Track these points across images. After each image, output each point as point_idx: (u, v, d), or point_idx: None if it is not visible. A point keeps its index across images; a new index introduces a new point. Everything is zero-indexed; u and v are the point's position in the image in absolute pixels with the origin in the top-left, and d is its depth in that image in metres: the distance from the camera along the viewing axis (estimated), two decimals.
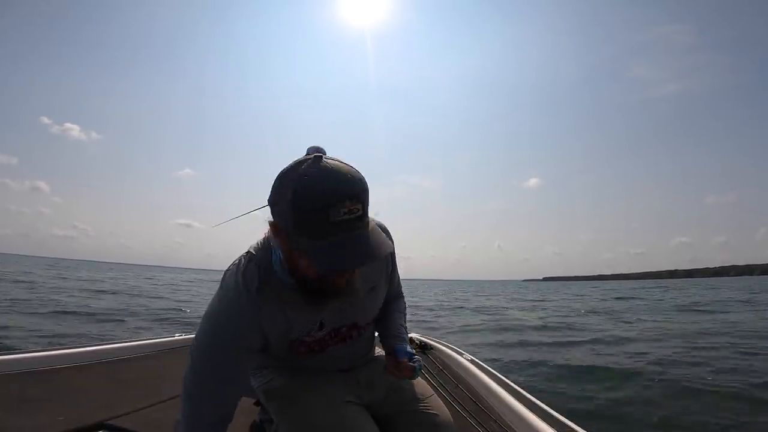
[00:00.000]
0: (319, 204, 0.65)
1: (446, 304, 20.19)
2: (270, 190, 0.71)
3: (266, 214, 0.75)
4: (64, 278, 22.56)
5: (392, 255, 1.00)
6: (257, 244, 0.86)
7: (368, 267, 0.86)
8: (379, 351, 1.16)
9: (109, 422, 1.26)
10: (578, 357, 6.14)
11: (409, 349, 1.00)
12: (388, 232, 0.92)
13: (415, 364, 0.96)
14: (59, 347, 1.94)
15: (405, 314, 1.14)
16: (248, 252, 0.85)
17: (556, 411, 1.51)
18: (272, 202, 0.71)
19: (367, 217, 0.71)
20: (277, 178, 0.71)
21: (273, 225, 0.73)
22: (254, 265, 0.82)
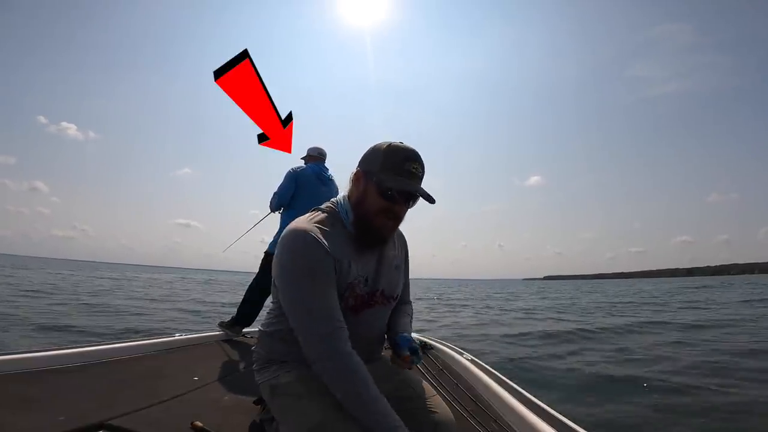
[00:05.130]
0: (403, 155, 0.99)
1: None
2: (362, 158, 1.05)
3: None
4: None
5: (407, 252, 1.24)
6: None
7: (396, 246, 1.17)
8: (382, 352, 1.20)
9: (109, 422, 1.26)
10: None
11: (409, 338, 1.12)
12: (404, 239, 1.24)
13: (413, 357, 1.09)
14: (60, 347, 1.94)
15: (411, 317, 1.26)
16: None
17: (556, 411, 1.52)
18: (365, 156, 1.04)
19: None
20: (371, 147, 1.04)
21: (358, 172, 1.04)
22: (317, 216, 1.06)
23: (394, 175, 0.98)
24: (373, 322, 1.09)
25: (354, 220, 1.03)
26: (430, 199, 1.01)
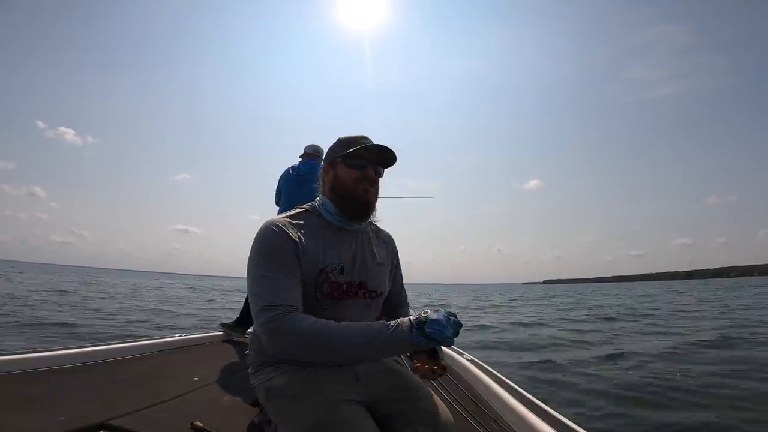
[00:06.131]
0: (356, 136, 1.13)
1: None
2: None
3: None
4: None
5: (396, 254, 1.28)
6: None
7: (381, 245, 1.21)
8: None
9: (109, 422, 1.26)
10: None
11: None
12: (393, 241, 1.27)
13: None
14: (60, 348, 1.95)
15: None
16: None
17: (556, 411, 1.52)
18: (325, 156, 1.17)
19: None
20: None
21: (324, 166, 1.15)
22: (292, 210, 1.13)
23: (353, 147, 1.09)
24: (356, 316, 1.05)
25: (337, 204, 1.10)
26: (390, 153, 1.10)
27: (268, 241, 1.00)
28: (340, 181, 1.10)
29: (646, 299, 23.63)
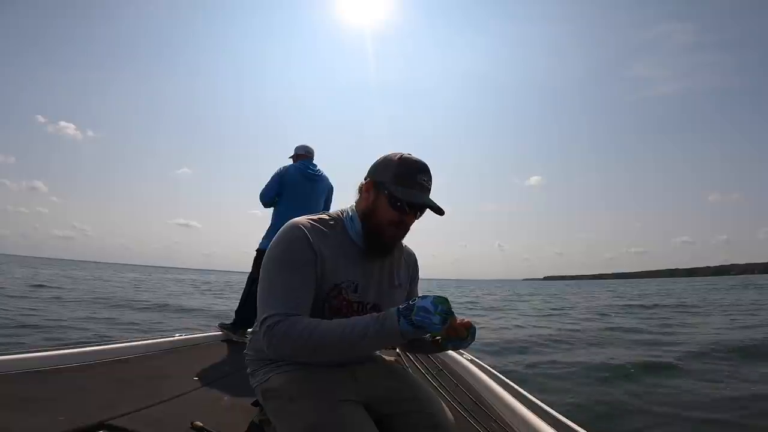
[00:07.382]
0: (414, 167, 1.01)
1: None
2: (371, 167, 1.06)
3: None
4: None
5: (416, 268, 1.23)
6: None
7: (398, 265, 1.15)
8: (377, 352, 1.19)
9: (109, 422, 1.26)
10: None
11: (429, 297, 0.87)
12: (414, 258, 1.22)
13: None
14: (60, 347, 1.95)
15: None
16: None
17: (556, 411, 1.52)
18: (376, 165, 1.05)
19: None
20: (381, 158, 1.06)
21: (368, 182, 1.04)
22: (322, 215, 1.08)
23: (405, 187, 0.99)
24: None
25: (364, 231, 1.04)
26: (440, 212, 1.03)
27: (288, 247, 0.97)
28: (377, 214, 1.02)
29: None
